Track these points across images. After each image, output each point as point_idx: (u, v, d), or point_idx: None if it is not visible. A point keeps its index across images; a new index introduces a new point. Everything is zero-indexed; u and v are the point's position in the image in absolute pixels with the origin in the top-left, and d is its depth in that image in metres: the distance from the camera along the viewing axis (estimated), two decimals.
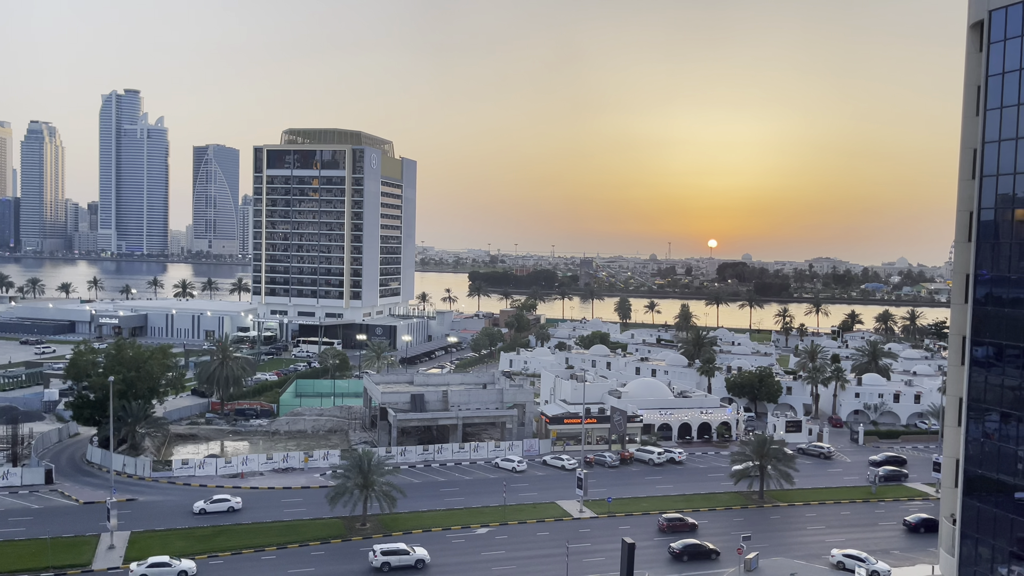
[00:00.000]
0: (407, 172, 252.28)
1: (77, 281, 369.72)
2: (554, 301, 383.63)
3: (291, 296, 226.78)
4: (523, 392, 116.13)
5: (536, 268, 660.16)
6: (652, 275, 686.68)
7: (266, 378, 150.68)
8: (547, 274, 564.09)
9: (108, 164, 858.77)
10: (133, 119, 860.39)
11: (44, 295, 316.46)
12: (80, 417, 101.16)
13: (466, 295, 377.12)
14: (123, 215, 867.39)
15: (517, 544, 72.16)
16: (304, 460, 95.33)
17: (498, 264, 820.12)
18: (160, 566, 62.27)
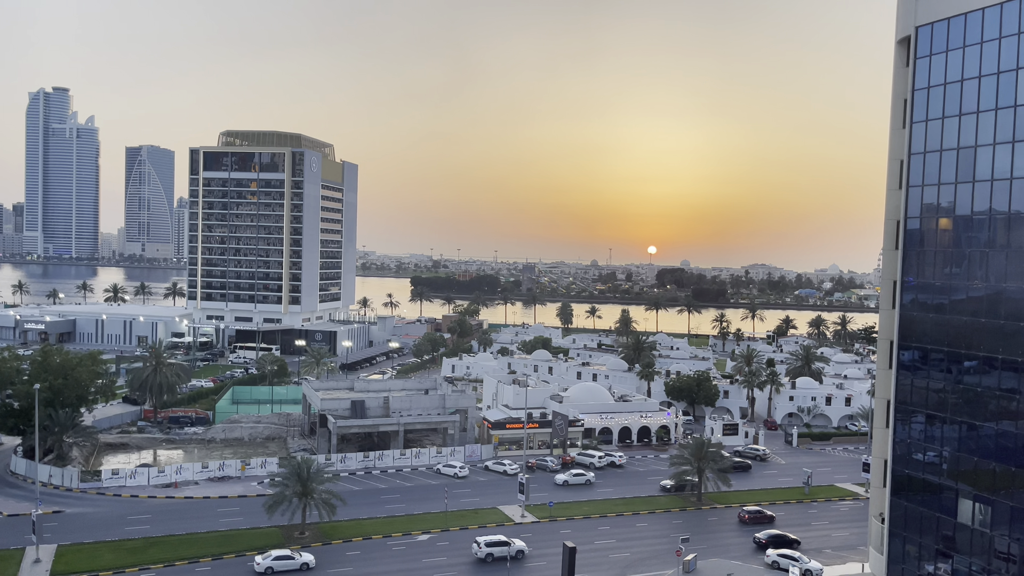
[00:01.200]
0: (348, 176, 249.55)
1: (1, 285, 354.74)
2: (497, 306, 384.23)
3: (228, 301, 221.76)
4: (465, 398, 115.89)
5: (479, 273, 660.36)
6: (593, 280, 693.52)
7: (202, 385, 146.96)
8: (490, 279, 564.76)
9: (35, 164, 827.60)
10: (62, 118, 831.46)
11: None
12: (3, 427, 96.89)
13: (408, 300, 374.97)
14: (51, 217, 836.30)
15: (458, 550, 71.89)
16: (241, 468, 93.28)
17: (440, 269, 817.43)
18: (284, 559, 65.66)
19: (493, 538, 70.68)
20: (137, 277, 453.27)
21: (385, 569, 67.34)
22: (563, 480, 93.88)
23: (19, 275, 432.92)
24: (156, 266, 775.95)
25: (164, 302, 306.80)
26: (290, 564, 65.65)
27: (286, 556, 66.16)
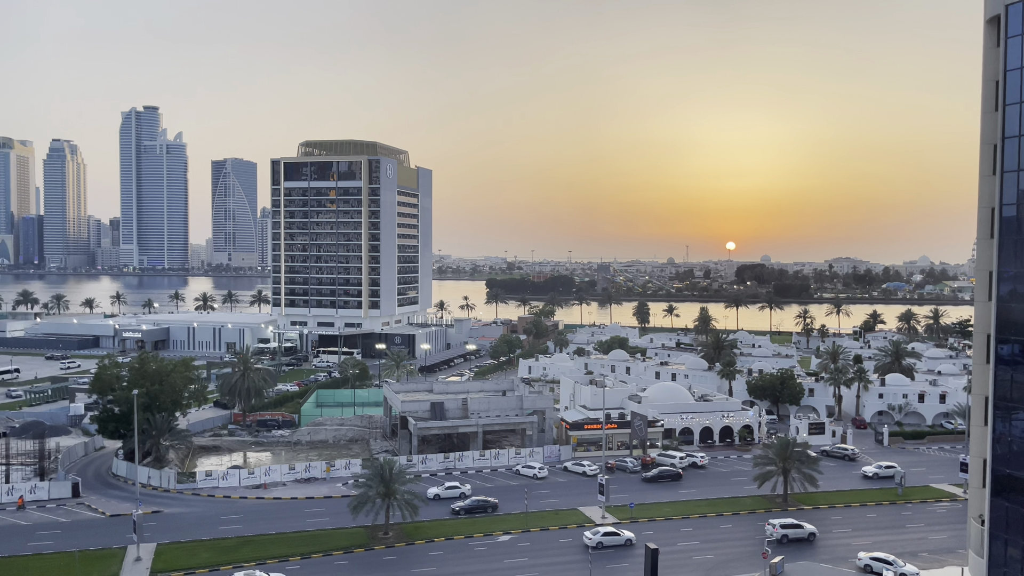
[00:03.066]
0: (423, 181, 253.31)
1: (100, 296, 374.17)
2: (572, 307, 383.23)
3: (310, 307, 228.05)
4: (543, 399, 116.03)
5: (553, 274, 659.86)
6: (670, 279, 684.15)
7: (287, 389, 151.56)
8: (564, 280, 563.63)
9: (129, 180, 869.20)
10: (152, 135, 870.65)
11: (68, 311, 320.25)
12: (105, 431, 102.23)
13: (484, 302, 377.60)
14: (144, 230, 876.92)
15: (539, 551, 72.01)
16: (326, 470, 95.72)
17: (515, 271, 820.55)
18: (611, 535, 72.52)
19: (787, 520, 76.67)
20: (225, 286, 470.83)
21: (467, 569, 68.01)
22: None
23: (117, 286, 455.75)
24: (242, 275, 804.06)
25: (250, 309, 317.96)
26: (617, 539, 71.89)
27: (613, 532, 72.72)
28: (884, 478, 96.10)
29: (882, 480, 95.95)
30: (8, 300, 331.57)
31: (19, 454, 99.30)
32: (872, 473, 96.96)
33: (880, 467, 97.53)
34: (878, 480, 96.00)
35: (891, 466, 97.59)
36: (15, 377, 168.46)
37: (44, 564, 67.52)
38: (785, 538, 74.18)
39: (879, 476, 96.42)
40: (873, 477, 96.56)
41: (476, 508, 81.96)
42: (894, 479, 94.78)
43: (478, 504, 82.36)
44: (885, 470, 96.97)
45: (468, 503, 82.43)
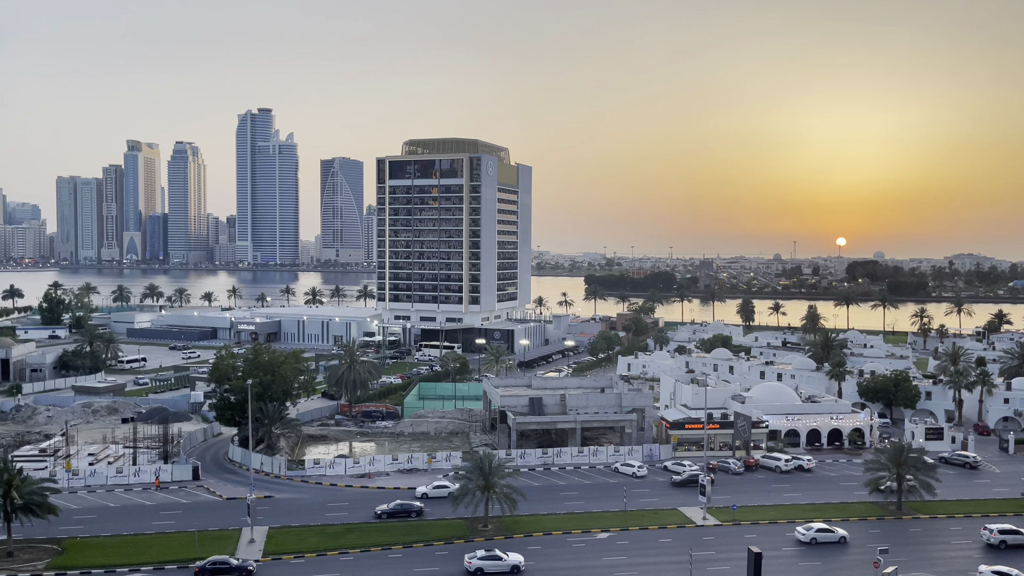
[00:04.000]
0: (522, 178, 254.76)
1: (218, 290, 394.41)
2: (673, 304, 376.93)
3: (413, 302, 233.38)
4: (642, 396, 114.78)
5: (653, 270, 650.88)
6: (776, 275, 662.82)
7: (391, 381, 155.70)
8: (665, 276, 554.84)
9: (244, 180, 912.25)
10: (266, 136, 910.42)
11: (189, 304, 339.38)
12: (222, 418, 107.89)
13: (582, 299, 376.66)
14: (258, 227, 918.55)
15: (638, 550, 71.37)
16: (428, 461, 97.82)
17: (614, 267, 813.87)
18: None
19: (1007, 527, 73.19)
20: (332, 281, 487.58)
21: (565, 565, 68.15)
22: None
23: (233, 281, 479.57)
24: (349, 270, 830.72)
25: (356, 304, 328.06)
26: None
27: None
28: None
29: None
30: (136, 293, 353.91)
31: (145, 438, 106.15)
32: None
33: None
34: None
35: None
36: (142, 366, 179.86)
37: (167, 542, 71.93)
38: (814, 541, 72.45)
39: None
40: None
41: (399, 512, 79.20)
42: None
43: (401, 508, 79.46)
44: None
45: (391, 507, 79.61)
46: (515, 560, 66.33)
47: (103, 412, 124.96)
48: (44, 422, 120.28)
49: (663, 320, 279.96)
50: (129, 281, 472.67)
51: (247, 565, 65.38)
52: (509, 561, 65.97)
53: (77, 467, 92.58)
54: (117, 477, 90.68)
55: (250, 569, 65.20)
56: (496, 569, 65.73)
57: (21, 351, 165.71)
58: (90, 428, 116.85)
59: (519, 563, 66.26)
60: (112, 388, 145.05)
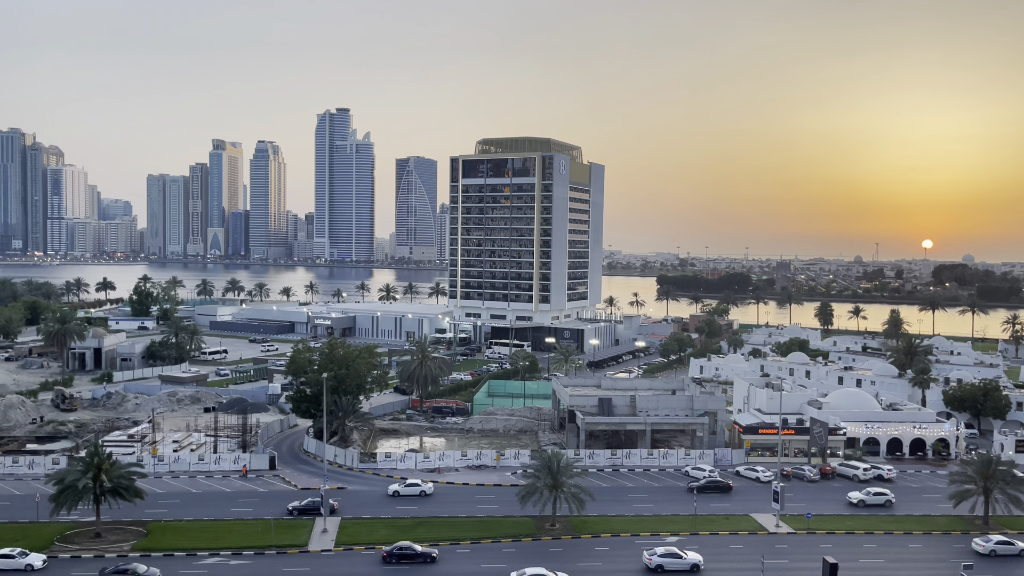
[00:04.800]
0: (595, 177, 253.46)
1: (296, 285, 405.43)
2: (748, 306, 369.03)
3: (484, 299, 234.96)
4: (715, 399, 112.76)
5: (728, 271, 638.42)
6: (857, 278, 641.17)
7: (461, 378, 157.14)
8: (740, 277, 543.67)
9: (322, 178, 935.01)
10: (344, 136, 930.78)
11: (269, 298, 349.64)
12: (298, 410, 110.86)
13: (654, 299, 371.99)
14: (335, 225, 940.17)
15: (708, 555, 70.09)
16: (496, 458, 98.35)
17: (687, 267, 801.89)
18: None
19: None
20: (405, 278, 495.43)
21: (633, 567, 67.49)
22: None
23: (310, 277, 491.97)
24: (422, 267, 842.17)
25: (428, 301, 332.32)
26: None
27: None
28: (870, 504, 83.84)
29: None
30: (219, 287, 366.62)
31: (225, 427, 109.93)
32: (858, 500, 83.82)
33: (869, 493, 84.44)
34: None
35: (882, 493, 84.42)
36: (223, 357, 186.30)
37: (245, 528, 74.35)
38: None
39: (866, 504, 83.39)
40: (859, 504, 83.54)
41: (309, 509, 79.02)
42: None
43: (311, 505, 79.21)
44: (873, 497, 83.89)
45: (303, 503, 79.45)
46: (695, 559, 66.24)
47: (187, 401, 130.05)
48: (132, 409, 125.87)
49: (737, 322, 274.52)
50: (212, 275, 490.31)
51: (431, 552, 67.42)
52: (689, 559, 65.99)
53: (162, 453, 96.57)
54: (199, 464, 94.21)
55: (433, 555, 67.18)
56: (677, 567, 65.76)
57: (113, 341, 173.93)
58: (174, 416, 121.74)
59: (699, 562, 66.15)
60: (195, 378, 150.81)
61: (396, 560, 66.66)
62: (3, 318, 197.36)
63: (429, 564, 66.78)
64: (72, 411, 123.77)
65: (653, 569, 65.80)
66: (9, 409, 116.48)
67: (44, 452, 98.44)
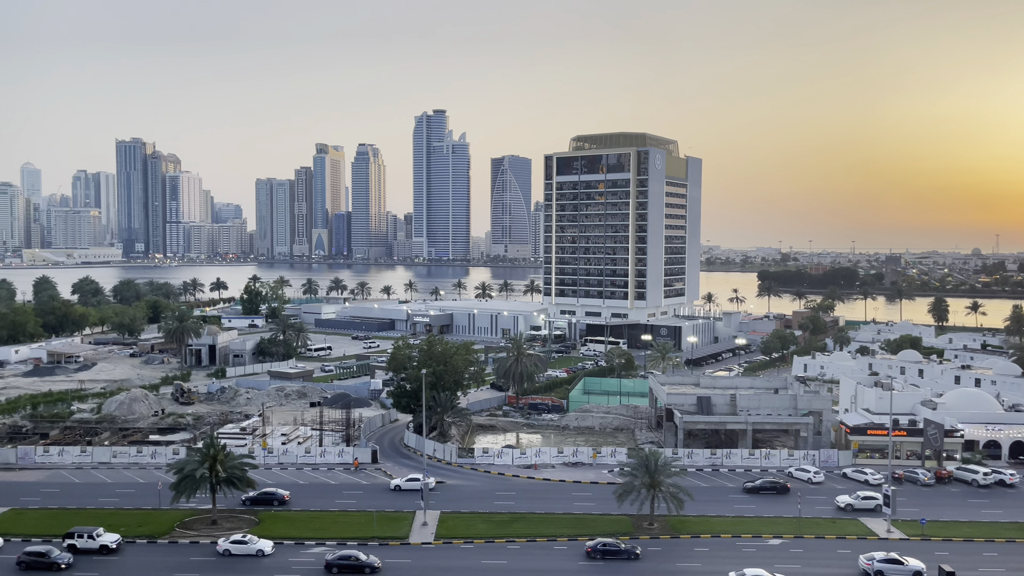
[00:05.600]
0: (692, 171, 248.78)
1: (396, 284, 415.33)
2: (855, 301, 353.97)
3: (579, 297, 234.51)
4: (820, 399, 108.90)
5: (833, 266, 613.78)
6: (975, 272, 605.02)
7: (556, 375, 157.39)
8: (846, 272, 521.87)
9: (420, 178, 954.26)
10: (440, 136, 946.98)
11: (370, 296, 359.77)
12: (399, 405, 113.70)
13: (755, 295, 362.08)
14: (432, 224, 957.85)
15: (814, 559, 67.94)
16: (592, 456, 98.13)
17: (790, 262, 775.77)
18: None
19: None
20: (501, 276, 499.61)
21: (734, 570, 66.03)
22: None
23: (409, 275, 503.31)
24: (517, 265, 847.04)
25: (524, 298, 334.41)
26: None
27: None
28: None
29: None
30: (323, 286, 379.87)
31: (330, 421, 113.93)
32: (846, 504, 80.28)
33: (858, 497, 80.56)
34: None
35: (870, 497, 79.81)
36: (328, 354, 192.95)
37: (349, 520, 76.90)
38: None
39: (853, 508, 79.82)
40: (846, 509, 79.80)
41: (263, 500, 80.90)
42: None
43: (265, 496, 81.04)
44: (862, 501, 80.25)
45: (255, 494, 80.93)
46: (917, 566, 63.63)
47: (294, 396, 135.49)
48: (244, 403, 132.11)
49: (843, 319, 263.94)
50: (317, 275, 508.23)
51: (634, 549, 68.05)
52: (910, 567, 63.58)
53: (272, 446, 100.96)
54: (305, 457, 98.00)
55: (637, 552, 67.77)
56: (897, 573, 63.89)
57: (226, 338, 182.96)
58: (282, 410, 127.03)
59: (921, 569, 63.42)
60: (302, 374, 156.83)
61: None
62: (128, 317, 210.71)
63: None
64: (190, 404, 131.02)
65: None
66: (134, 402, 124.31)
67: (165, 443, 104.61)
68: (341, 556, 64.93)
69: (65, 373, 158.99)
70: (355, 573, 64.17)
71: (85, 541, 67.77)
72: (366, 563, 64.34)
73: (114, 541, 68.65)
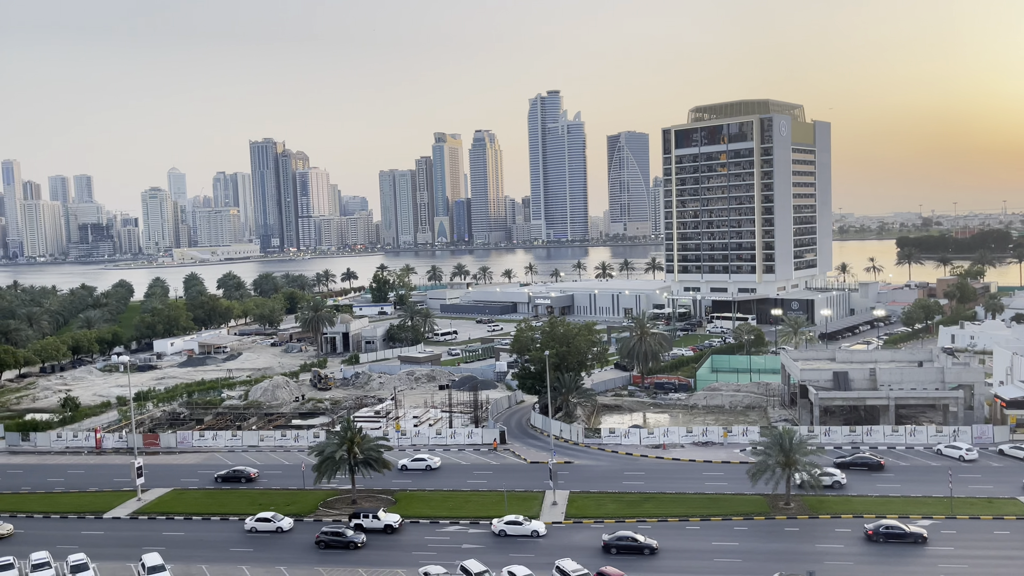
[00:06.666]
0: (820, 136, 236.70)
1: (516, 267, 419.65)
2: (1008, 266, 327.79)
3: (703, 272, 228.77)
4: (970, 371, 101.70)
5: (982, 228, 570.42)
6: None
7: (682, 353, 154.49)
8: (997, 234, 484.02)
9: (536, 161, 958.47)
10: (555, 117, 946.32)
11: (492, 281, 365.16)
12: (524, 386, 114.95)
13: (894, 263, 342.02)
14: (550, 206, 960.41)
15: (968, 541, 63.78)
16: (723, 435, 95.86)
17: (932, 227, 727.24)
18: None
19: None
20: (621, 255, 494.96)
21: (877, 551, 62.96)
22: None
23: (529, 258, 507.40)
24: (637, 243, 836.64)
25: (645, 276, 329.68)
26: None
27: None
28: None
29: None
30: (446, 272, 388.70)
31: (458, 403, 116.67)
32: None
33: None
34: None
35: None
36: (453, 338, 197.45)
37: (481, 499, 78.60)
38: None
39: None
40: None
41: (232, 478, 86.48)
42: None
43: (234, 474, 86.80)
44: None
45: (226, 472, 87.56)
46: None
47: (423, 379, 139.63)
48: (377, 388, 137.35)
49: (995, 285, 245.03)
50: (440, 261, 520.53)
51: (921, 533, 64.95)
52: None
53: (404, 428, 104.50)
54: (436, 438, 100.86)
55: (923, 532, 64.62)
56: None
57: (357, 326, 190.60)
58: (413, 393, 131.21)
59: None
60: (430, 358, 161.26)
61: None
62: (267, 308, 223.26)
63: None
64: (327, 390, 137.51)
65: None
66: (276, 389, 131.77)
67: (306, 427, 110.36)
68: (619, 536, 65.62)
69: (215, 363, 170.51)
70: (634, 553, 64.11)
71: (371, 521, 71.93)
72: (644, 544, 64.69)
73: (396, 521, 72.50)
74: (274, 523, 72.58)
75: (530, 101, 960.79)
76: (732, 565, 61.81)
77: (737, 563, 62.08)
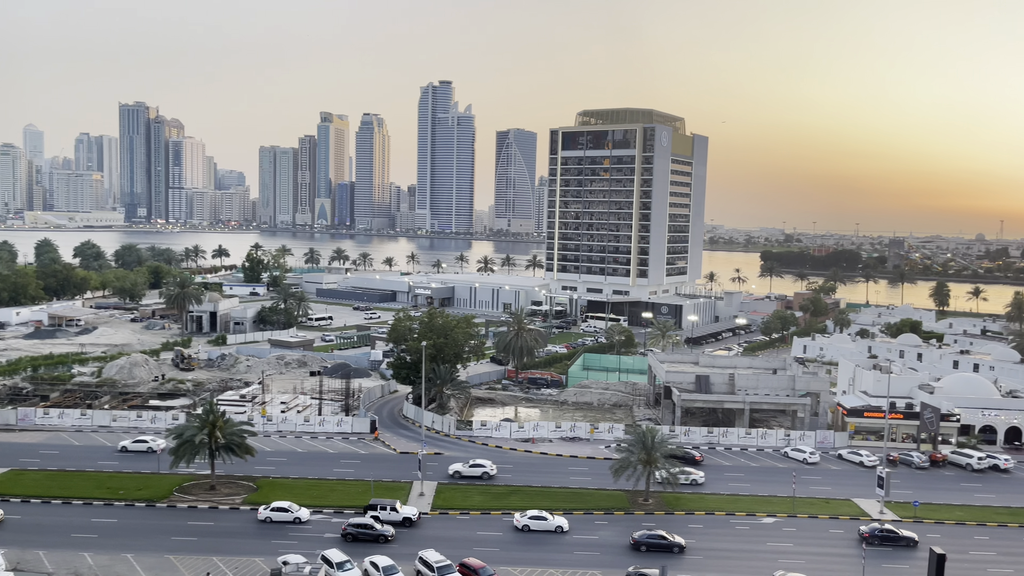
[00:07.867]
0: (698, 149, 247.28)
1: (398, 256, 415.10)
2: (856, 284, 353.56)
3: (580, 273, 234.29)
4: (818, 380, 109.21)
5: (837, 248, 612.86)
6: (978, 258, 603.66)
7: (556, 350, 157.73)
8: (849, 254, 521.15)
9: (424, 150, 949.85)
10: (446, 108, 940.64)
11: (372, 267, 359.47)
12: (398, 376, 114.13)
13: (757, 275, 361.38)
14: (436, 196, 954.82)
15: (806, 538, 68.56)
16: (590, 431, 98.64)
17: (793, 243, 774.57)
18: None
19: None
20: (503, 250, 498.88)
21: (728, 547, 66.70)
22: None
23: (411, 247, 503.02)
24: (520, 240, 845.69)
25: (526, 273, 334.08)
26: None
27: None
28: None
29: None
30: (325, 256, 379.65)
31: (329, 391, 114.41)
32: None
33: None
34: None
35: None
36: (328, 323, 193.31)
37: (346, 488, 77.50)
38: None
39: None
40: None
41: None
42: None
43: None
44: None
45: None
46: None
47: (294, 364, 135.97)
48: (244, 371, 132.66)
49: (845, 301, 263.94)
50: (319, 244, 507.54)
51: None
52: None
53: (271, 413, 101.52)
54: (305, 425, 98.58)
55: None
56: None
57: (227, 306, 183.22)
58: (282, 378, 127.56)
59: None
60: (302, 343, 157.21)
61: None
62: (129, 282, 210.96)
63: None
64: (190, 371, 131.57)
65: None
66: (134, 367, 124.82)
67: (165, 408, 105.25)
68: (649, 535, 65.33)
69: (66, 336, 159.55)
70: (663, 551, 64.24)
71: (388, 513, 68.50)
72: (673, 543, 64.82)
73: (414, 514, 69.24)
74: None
75: (421, 89, 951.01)
76: (590, 559, 63.80)
77: (595, 556, 64.15)
